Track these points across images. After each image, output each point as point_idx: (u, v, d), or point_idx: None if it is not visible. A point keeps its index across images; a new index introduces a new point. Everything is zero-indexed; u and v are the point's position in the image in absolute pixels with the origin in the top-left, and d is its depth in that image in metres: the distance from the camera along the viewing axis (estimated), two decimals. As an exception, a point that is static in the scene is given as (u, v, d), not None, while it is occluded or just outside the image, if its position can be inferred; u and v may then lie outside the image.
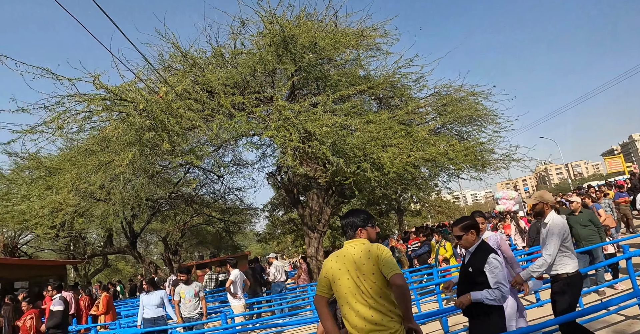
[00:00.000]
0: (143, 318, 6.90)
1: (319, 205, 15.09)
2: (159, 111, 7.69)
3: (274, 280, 11.78)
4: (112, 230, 19.51)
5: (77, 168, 11.98)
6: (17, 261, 16.62)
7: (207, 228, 27.12)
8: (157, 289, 6.99)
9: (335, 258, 2.92)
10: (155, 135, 7.83)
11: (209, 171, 20.79)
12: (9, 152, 17.94)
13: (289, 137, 8.24)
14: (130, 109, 8.01)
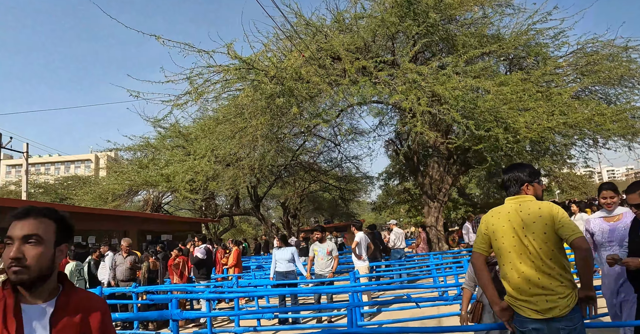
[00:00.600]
0: (275, 271, 7.43)
1: (440, 174, 14.60)
2: (288, 77, 7.93)
3: (394, 247, 11.79)
4: (239, 193, 21.13)
5: (211, 136, 13.11)
6: (163, 217, 18.96)
7: (324, 195, 28.01)
8: (288, 246, 7.42)
9: (497, 215, 2.71)
10: (285, 101, 8.13)
11: (327, 140, 21.32)
12: (154, 123, 20.15)
13: (417, 101, 7.97)
14: (261, 76, 8.37)
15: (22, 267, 1.32)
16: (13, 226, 1.37)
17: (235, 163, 15.17)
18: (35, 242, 1.36)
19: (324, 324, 6.72)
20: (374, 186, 26.50)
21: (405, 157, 15.82)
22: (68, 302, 1.43)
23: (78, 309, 1.44)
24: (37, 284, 1.37)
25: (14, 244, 1.34)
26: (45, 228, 1.41)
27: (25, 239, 1.35)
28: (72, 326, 1.38)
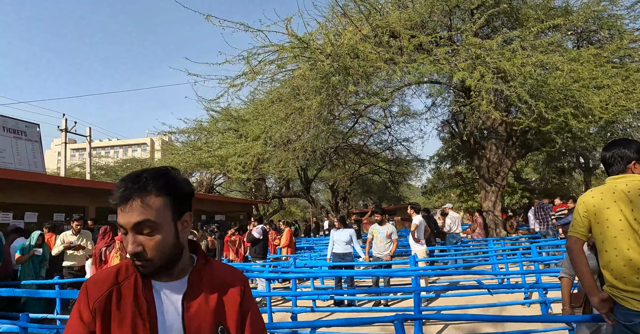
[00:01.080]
0: (333, 252, 7.38)
1: (498, 157, 13.96)
2: (344, 55, 7.70)
3: (449, 231, 11.45)
4: (289, 175, 21.28)
5: (264, 118, 13.16)
6: (217, 198, 19.46)
7: (373, 177, 27.71)
8: (346, 227, 7.33)
9: (600, 195, 2.42)
10: (340, 79, 7.92)
11: (377, 121, 20.95)
12: (207, 107, 20.54)
13: (480, 78, 7.52)
14: (317, 54, 8.20)
15: (144, 261, 1.14)
16: (119, 213, 1.14)
17: (287, 145, 15.23)
18: (149, 231, 1.13)
19: (380, 308, 6.61)
20: (425, 169, 25.87)
21: (461, 139, 15.24)
22: (202, 278, 1.24)
23: (214, 285, 1.25)
24: (168, 269, 1.19)
25: (128, 235, 1.14)
26: (157, 208, 1.14)
27: (137, 229, 1.13)
28: (208, 306, 1.20)
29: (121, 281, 1.18)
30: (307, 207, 49.65)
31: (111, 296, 1.14)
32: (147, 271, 1.14)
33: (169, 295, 1.18)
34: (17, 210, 9.44)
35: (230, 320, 1.22)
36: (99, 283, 1.18)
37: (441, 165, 25.86)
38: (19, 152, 10.45)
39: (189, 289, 1.19)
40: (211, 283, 1.24)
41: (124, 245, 1.15)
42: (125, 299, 1.14)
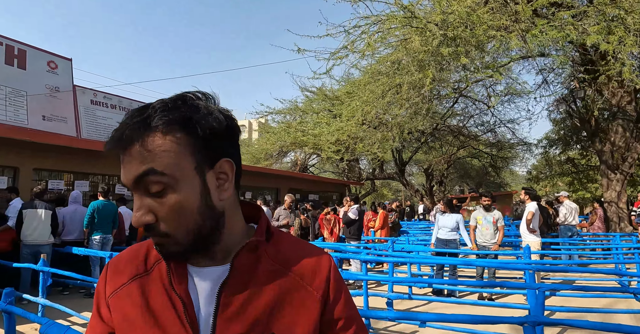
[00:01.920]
0: (437, 237, 6.92)
1: (625, 140, 12.18)
2: (455, 23, 7.00)
3: (564, 222, 10.26)
4: (383, 157, 20.81)
5: (359, 97, 12.78)
6: (311, 177, 19.64)
7: (472, 161, 26.18)
8: (453, 212, 6.80)
9: None
10: (452, 51, 7.24)
11: (479, 101, 19.55)
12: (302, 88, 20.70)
13: (617, 42, 6.38)
14: (424, 23, 7.58)
15: (160, 237, 0.74)
16: (121, 166, 0.75)
17: (383, 125, 14.75)
18: (158, 189, 0.71)
19: (487, 302, 6.02)
20: (531, 154, 23.75)
21: (581, 119, 13.55)
22: (258, 262, 0.79)
23: (277, 274, 0.80)
24: (204, 250, 0.78)
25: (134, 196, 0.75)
26: (167, 152, 0.72)
27: (140, 187, 0.72)
28: (259, 305, 0.76)
29: (150, 268, 0.81)
30: (399, 190, 48.83)
31: (132, 291, 0.79)
32: (171, 256, 0.75)
33: (204, 285, 0.77)
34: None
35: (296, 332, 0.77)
36: (120, 267, 0.84)
37: (550, 149, 23.60)
38: (134, 129, 11.27)
39: (231, 279, 0.76)
40: (272, 272, 0.79)
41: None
42: (153, 298, 0.77)
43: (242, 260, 0.77)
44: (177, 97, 0.76)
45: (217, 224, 0.77)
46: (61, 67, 9.83)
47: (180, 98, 0.76)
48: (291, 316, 0.77)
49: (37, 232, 6.39)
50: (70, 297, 6.91)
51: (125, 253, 0.87)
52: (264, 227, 0.83)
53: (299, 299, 0.78)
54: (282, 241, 0.85)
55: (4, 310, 2.98)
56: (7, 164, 7.79)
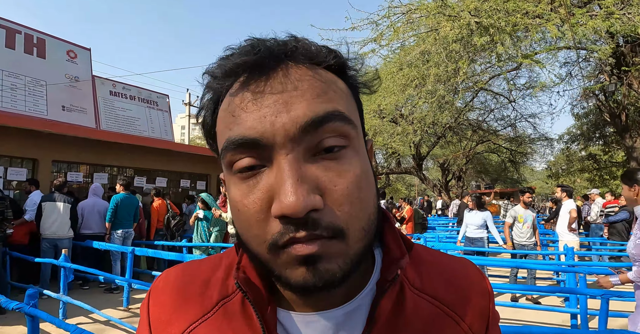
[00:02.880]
0: (465, 236, 6.64)
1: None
2: (489, 10, 6.63)
3: (594, 221, 9.87)
4: (403, 152, 20.46)
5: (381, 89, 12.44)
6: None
7: (490, 156, 25.66)
8: (481, 209, 6.48)
9: None
10: (486, 40, 6.87)
11: (499, 95, 19.06)
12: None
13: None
14: (457, 11, 7.23)
15: (327, 237, 0.41)
16: (249, 101, 0.43)
17: (403, 118, 14.38)
18: (341, 145, 0.43)
19: (521, 304, 5.73)
20: (552, 149, 23.16)
21: (611, 114, 13.06)
22: (402, 295, 0.51)
23: (430, 311, 0.51)
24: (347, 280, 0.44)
25: (275, 161, 0.42)
26: (347, 97, 0.47)
27: (310, 140, 0.42)
28: None
29: (213, 308, 0.52)
30: (413, 185, 48.35)
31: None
32: (330, 274, 0.42)
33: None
34: (150, 175, 10.05)
35: None
36: (167, 307, 0.54)
37: (572, 144, 23.03)
38: (152, 121, 11.09)
39: (375, 328, 0.48)
40: (423, 306, 0.51)
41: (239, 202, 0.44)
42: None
43: (387, 303, 0.48)
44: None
45: (377, 227, 0.47)
46: (80, 56, 9.66)
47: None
48: None
49: (55, 225, 6.24)
50: (90, 292, 6.77)
51: (177, 275, 0.56)
52: (400, 240, 0.52)
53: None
54: (422, 259, 0.56)
55: (27, 313, 2.77)
56: (26, 156, 7.66)
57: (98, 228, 7.05)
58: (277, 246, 0.42)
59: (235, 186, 0.45)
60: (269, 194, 0.42)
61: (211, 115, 0.50)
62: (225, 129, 0.45)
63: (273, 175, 0.42)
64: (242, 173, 0.44)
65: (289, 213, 0.39)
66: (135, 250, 5.88)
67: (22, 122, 7.36)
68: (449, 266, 0.57)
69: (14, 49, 8.46)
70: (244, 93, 0.44)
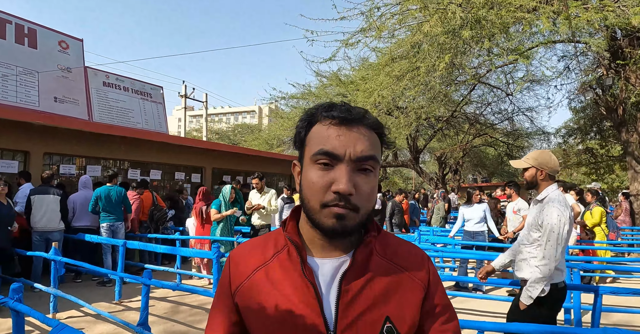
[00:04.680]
0: (464, 230, 6.60)
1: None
2: (480, 4, 6.54)
3: (590, 214, 9.86)
4: (398, 144, 20.39)
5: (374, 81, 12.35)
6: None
7: (487, 150, 25.65)
8: (480, 202, 6.43)
9: None
10: (474, 33, 6.78)
11: (497, 88, 18.98)
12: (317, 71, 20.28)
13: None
14: (446, 3, 7.14)
15: (351, 208, 0.80)
16: (338, 134, 0.82)
17: (398, 110, 14.30)
18: (371, 171, 0.84)
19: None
20: (549, 143, 23.15)
21: (608, 108, 13.01)
22: (372, 255, 0.89)
23: (387, 267, 0.89)
24: (351, 234, 0.87)
25: (340, 166, 0.81)
26: (379, 148, 0.88)
27: (358, 164, 0.82)
28: (373, 293, 0.85)
29: (271, 257, 0.90)
30: (410, 178, 48.41)
31: (259, 281, 0.88)
32: (345, 227, 0.81)
33: (325, 274, 0.86)
34: (144, 167, 9.98)
35: (404, 318, 0.86)
36: (241, 260, 0.93)
37: (569, 139, 23.03)
38: (146, 113, 10.99)
39: (351, 270, 0.85)
40: (383, 264, 0.90)
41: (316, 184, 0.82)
42: (281, 283, 0.86)
43: (361, 253, 0.87)
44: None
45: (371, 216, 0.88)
46: (72, 47, 9.53)
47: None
48: (401, 301, 0.87)
49: (45, 218, 6.18)
50: (83, 285, 6.73)
51: (242, 247, 0.97)
52: (377, 225, 0.93)
53: (407, 287, 0.88)
54: (387, 239, 0.95)
55: (11, 308, 2.72)
56: (17, 148, 7.58)
57: (90, 221, 6.98)
58: (327, 205, 0.80)
59: (314, 170, 0.82)
60: (331, 181, 0.80)
61: (305, 129, 0.89)
62: (320, 142, 0.83)
63: (338, 173, 0.80)
64: (320, 165, 0.81)
65: (341, 191, 0.78)
66: (127, 243, 5.84)
67: (13, 114, 7.28)
68: (404, 246, 0.96)
69: (4, 39, 8.33)
70: (338, 127, 0.83)
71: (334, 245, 0.88)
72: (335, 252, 0.88)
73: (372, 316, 0.83)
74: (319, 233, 0.85)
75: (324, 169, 0.81)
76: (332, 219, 0.80)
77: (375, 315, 0.83)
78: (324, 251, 0.88)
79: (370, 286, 0.85)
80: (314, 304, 0.82)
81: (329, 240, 0.86)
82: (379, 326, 0.83)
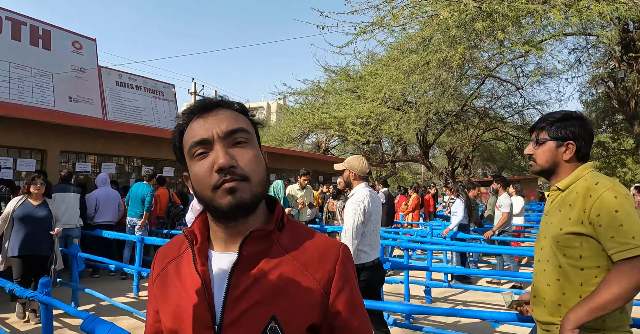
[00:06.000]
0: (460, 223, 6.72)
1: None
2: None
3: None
4: (409, 138, 20.38)
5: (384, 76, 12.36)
6: (335, 159, 19.41)
7: (497, 144, 25.50)
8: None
9: None
10: (486, 25, 6.78)
11: (507, 82, 18.86)
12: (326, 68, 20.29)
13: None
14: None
15: (240, 179, 0.80)
16: (200, 124, 0.85)
17: (409, 104, 14.29)
18: (245, 141, 0.85)
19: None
20: (560, 136, 22.97)
21: (620, 101, 12.92)
22: (268, 249, 0.85)
23: (284, 264, 0.84)
24: (251, 211, 0.84)
25: (214, 148, 0.82)
26: (246, 121, 0.90)
27: (230, 139, 0.84)
28: (263, 289, 0.81)
29: (184, 251, 0.93)
30: (419, 173, 48.21)
31: (169, 272, 0.92)
32: (240, 200, 0.80)
33: (220, 268, 0.86)
34: (157, 164, 10.12)
35: (293, 319, 0.81)
36: (162, 253, 0.98)
37: (579, 132, 22.85)
38: (158, 111, 11.13)
39: (240, 264, 0.83)
40: (282, 259, 0.85)
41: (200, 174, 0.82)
42: (183, 277, 0.88)
43: (249, 247, 0.83)
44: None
45: (264, 194, 0.87)
46: (86, 47, 9.67)
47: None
48: (292, 302, 0.81)
49: (67, 215, 6.32)
50: (100, 280, 6.89)
51: (169, 242, 1.00)
52: (278, 217, 0.89)
53: (301, 288, 0.82)
54: (296, 232, 0.90)
55: (41, 301, 2.84)
56: (35, 147, 7.73)
57: (112, 217, 7.19)
58: (216, 186, 0.80)
59: (195, 164, 0.83)
60: (212, 164, 0.80)
61: (179, 139, 0.90)
62: (190, 138, 0.85)
63: (214, 154, 0.81)
64: (198, 156, 0.83)
65: (220, 166, 0.79)
66: (144, 239, 5.97)
67: (30, 113, 7.42)
68: (317, 243, 0.89)
69: (19, 41, 8.48)
70: (199, 119, 0.86)
71: (235, 237, 0.86)
72: (235, 245, 0.86)
73: (258, 314, 0.80)
74: (221, 223, 0.85)
75: (202, 158, 0.82)
76: (227, 196, 0.79)
77: (262, 313, 0.80)
78: (226, 245, 0.88)
79: (260, 282, 0.82)
80: (202, 298, 0.82)
81: (231, 227, 0.85)
82: (263, 324, 0.79)
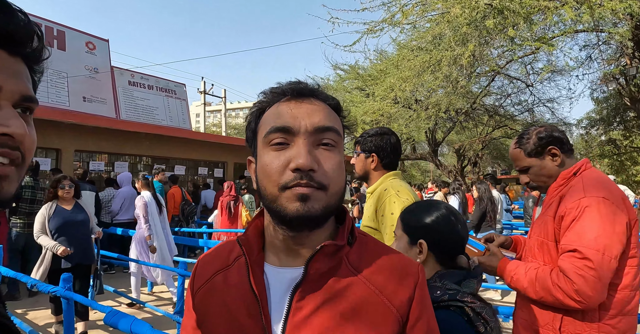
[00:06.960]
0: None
1: (681, 121, 11.46)
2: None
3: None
4: (418, 137, 20.36)
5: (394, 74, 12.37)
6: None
7: (507, 142, 25.41)
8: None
9: None
10: (497, 22, 6.77)
11: (517, 80, 18.74)
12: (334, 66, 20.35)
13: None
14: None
15: (316, 187, 0.68)
16: (290, 108, 0.73)
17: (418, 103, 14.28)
18: (333, 145, 0.72)
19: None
20: (571, 134, 22.82)
21: (631, 98, 12.81)
22: (334, 267, 0.73)
23: (358, 284, 0.73)
24: (319, 224, 0.72)
25: (296, 142, 0.70)
26: (340, 125, 0.77)
27: (316, 137, 0.71)
28: (333, 313, 0.70)
29: (233, 261, 0.82)
30: (428, 171, 48.07)
31: (215, 285, 0.81)
32: (309, 211, 0.67)
33: (278, 286, 0.75)
34: (169, 163, 10.26)
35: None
36: (205, 262, 0.87)
37: (591, 129, 22.65)
38: (170, 110, 11.27)
39: (305, 283, 0.71)
40: (353, 280, 0.73)
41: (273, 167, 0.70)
42: (232, 293, 0.77)
43: (319, 264, 0.72)
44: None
45: (338, 206, 0.75)
46: (99, 47, 9.83)
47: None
48: (363, 331, 0.69)
49: (86, 214, 6.45)
50: (117, 276, 7.03)
51: (213, 249, 0.89)
52: (348, 230, 0.78)
53: (375, 313, 0.71)
54: (367, 247, 0.79)
55: (63, 296, 2.95)
56: (50, 146, 7.89)
57: (132, 215, 7.33)
58: (287, 187, 0.68)
59: (268, 153, 0.71)
60: (289, 160, 0.69)
61: (256, 118, 0.78)
62: (271, 121, 0.73)
63: (295, 150, 0.69)
64: (275, 145, 0.71)
65: (300, 166, 0.67)
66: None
67: (45, 113, 7.57)
68: (393, 262, 0.77)
69: (35, 41, 8.63)
70: (288, 103, 0.74)
71: (297, 249, 0.75)
72: (297, 260, 0.75)
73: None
74: (281, 231, 0.73)
75: (279, 149, 0.70)
76: (295, 202, 0.67)
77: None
78: (286, 258, 0.76)
79: (327, 307, 0.70)
80: (258, 322, 0.71)
81: (293, 237, 0.73)
82: None
